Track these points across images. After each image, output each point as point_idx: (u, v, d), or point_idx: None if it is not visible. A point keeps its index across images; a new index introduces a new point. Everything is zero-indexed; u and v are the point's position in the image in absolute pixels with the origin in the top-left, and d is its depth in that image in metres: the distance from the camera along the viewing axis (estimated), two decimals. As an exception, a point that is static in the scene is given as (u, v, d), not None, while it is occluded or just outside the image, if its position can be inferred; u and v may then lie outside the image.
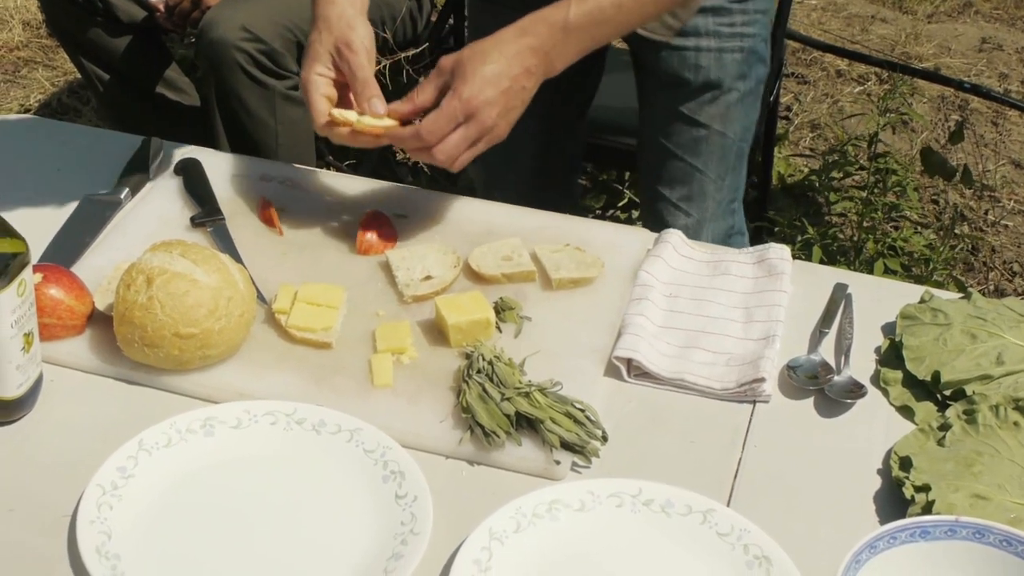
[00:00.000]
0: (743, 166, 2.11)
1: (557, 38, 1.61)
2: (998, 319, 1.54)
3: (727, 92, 1.99)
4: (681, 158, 2.03)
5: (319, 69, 1.64)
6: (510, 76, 1.58)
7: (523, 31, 1.61)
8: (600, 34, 1.66)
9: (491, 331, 1.51)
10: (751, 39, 1.98)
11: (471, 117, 1.56)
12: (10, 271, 1.32)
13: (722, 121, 2.01)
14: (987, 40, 4.62)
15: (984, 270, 3.33)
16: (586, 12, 1.62)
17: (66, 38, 3.28)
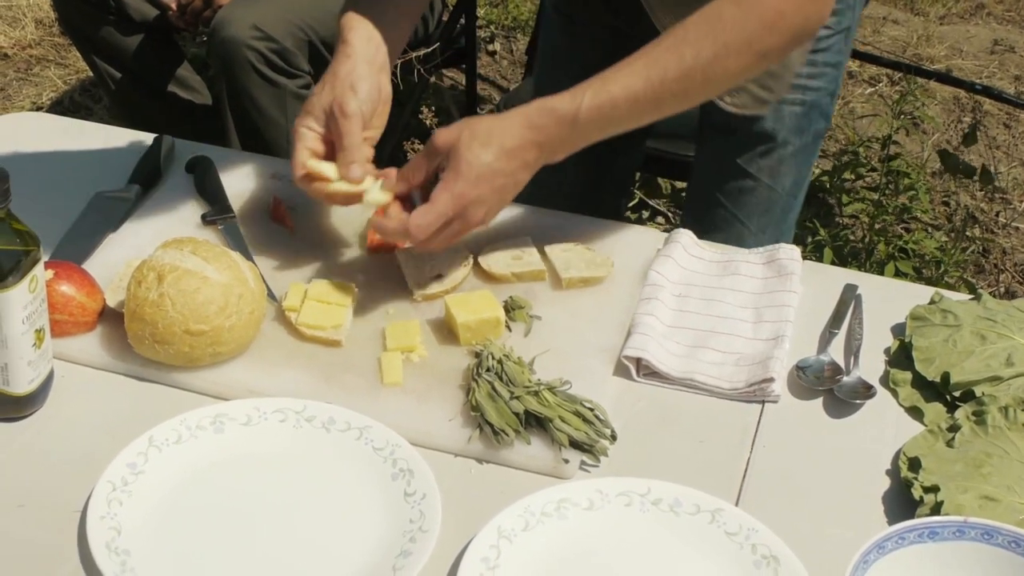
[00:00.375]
0: (788, 218, 2.02)
1: (564, 133, 1.52)
2: (1008, 320, 1.54)
3: (782, 146, 1.91)
4: (724, 206, 1.96)
5: (309, 122, 1.60)
6: (506, 172, 1.51)
7: (529, 123, 1.52)
8: (611, 127, 1.55)
9: (501, 330, 1.51)
10: (815, 92, 1.88)
11: (460, 215, 1.49)
12: (21, 268, 1.32)
13: (771, 175, 1.94)
14: (999, 42, 4.62)
15: (995, 272, 3.33)
16: (597, 105, 1.51)
17: (78, 36, 3.29)
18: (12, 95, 4.08)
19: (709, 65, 1.52)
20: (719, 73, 1.53)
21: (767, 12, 1.52)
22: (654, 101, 1.53)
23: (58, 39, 4.34)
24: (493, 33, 4.47)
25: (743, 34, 1.52)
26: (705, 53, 1.51)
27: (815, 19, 1.58)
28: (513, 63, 4.31)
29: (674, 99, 1.54)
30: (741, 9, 1.52)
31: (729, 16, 1.52)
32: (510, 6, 4.56)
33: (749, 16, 1.52)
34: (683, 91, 1.53)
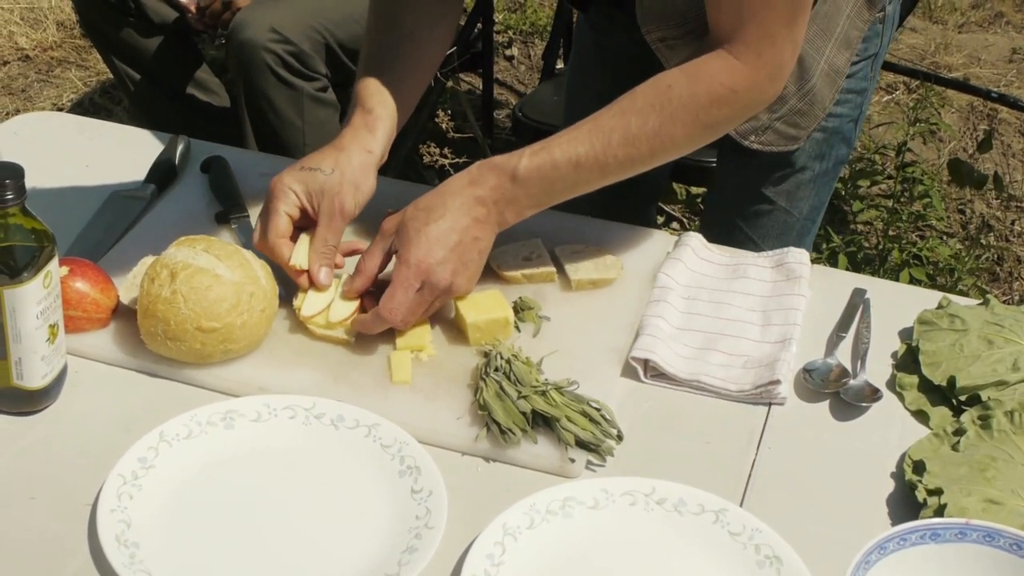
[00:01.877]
0: (804, 242, 2.00)
1: (505, 188, 1.52)
2: (1015, 326, 1.54)
3: (800, 171, 1.90)
4: (739, 227, 1.96)
5: (297, 188, 1.57)
6: (458, 230, 1.50)
7: (470, 179, 1.53)
8: (555, 190, 1.54)
9: (510, 330, 1.52)
10: (837, 119, 1.86)
11: (426, 282, 1.48)
12: (36, 263, 1.34)
13: (789, 199, 1.93)
14: (1017, 51, 4.61)
15: (1009, 280, 3.32)
16: (536, 166, 1.52)
17: (99, 38, 3.32)
18: (33, 96, 4.12)
19: (655, 135, 1.52)
20: (665, 143, 1.54)
21: (716, 88, 1.53)
22: (598, 167, 1.53)
23: (79, 41, 4.38)
24: (511, 38, 4.49)
25: (691, 107, 1.53)
26: (651, 123, 1.52)
27: (769, 94, 1.58)
28: (530, 68, 4.33)
29: (619, 166, 1.54)
30: (691, 82, 1.53)
31: (679, 88, 1.53)
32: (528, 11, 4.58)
33: (698, 90, 1.53)
34: (628, 158, 1.54)
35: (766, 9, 1.52)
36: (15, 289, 1.33)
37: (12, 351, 1.37)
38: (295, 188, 1.57)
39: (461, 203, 1.51)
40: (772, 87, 1.57)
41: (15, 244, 1.33)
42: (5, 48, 4.37)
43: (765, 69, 1.55)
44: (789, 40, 1.55)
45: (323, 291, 1.55)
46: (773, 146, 1.83)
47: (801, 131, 1.83)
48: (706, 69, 1.54)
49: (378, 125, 1.62)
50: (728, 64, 1.53)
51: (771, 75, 1.56)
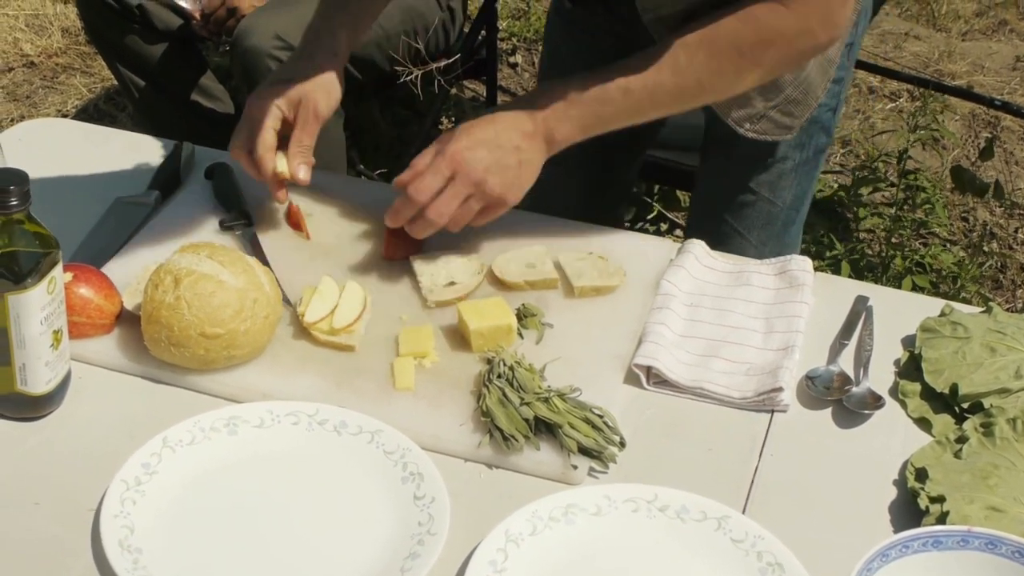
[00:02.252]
0: (791, 233, 2.04)
1: (557, 107, 1.59)
2: (1018, 333, 1.54)
3: (781, 161, 1.92)
4: (725, 219, 1.98)
5: (280, 102, 1.68)
6: (499, 134, 1.57)
7: (524, 98, 1.61)
8: (606, 113, 1.60)
9: (513, 337, 1.53)
10: (817, 108, 1.87)
11: (458, 171, 1.56)
12: (40, 269, 1.34)
13: (771, 189, 1.95)
14: (1021, 59, 4.61)
15: (1012, 287, 3.32)
16: (588, 87, 1.59)
17: (104, 45, 3.33)
18: (38, 103, 4.12)
19: (703, 67, 1.59)
20: (712, 77, 1.60)
21: (763, 30, 1.58)
22: (648, 94, 1.59)
23: (84, 48, 4.38)
24: (515, 45, 4.49)
25: (737, 44, 1.59)
26: (699, 56, 1.59)
27: (823, 40, 1.62)
28: (534, 75, 4.33)
29: (668, 96, 1.61)
30: (739, 23, 1.59)
31: (726, 27, 1.59)
32: (532, 18, 4.58)
33: (744, 30, 1.58)
34: (677, 88, 1.60)
35: None
36: (19, 295, 1.34)
37: (16, 357, 1.37)
38: (278, 103, 1.67)
39: (511, 116, 1.60)
40: (825, 34, 1.61)
41: (19, 250, 1.34)
42: (10, 54, 4.38)
43: (814, 16, 1.59)
44: None
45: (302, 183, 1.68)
46: (767, 135, 1.84)
47: (795, 120, 1.84)
48: (755, 12, 1.58)
49: (338, 29, 1.74)
50: (774, 9, 1.57)
51: (822, 21, 1.59)
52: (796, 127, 1.85)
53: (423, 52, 3.01)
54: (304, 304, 1.54)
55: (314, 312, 1.52)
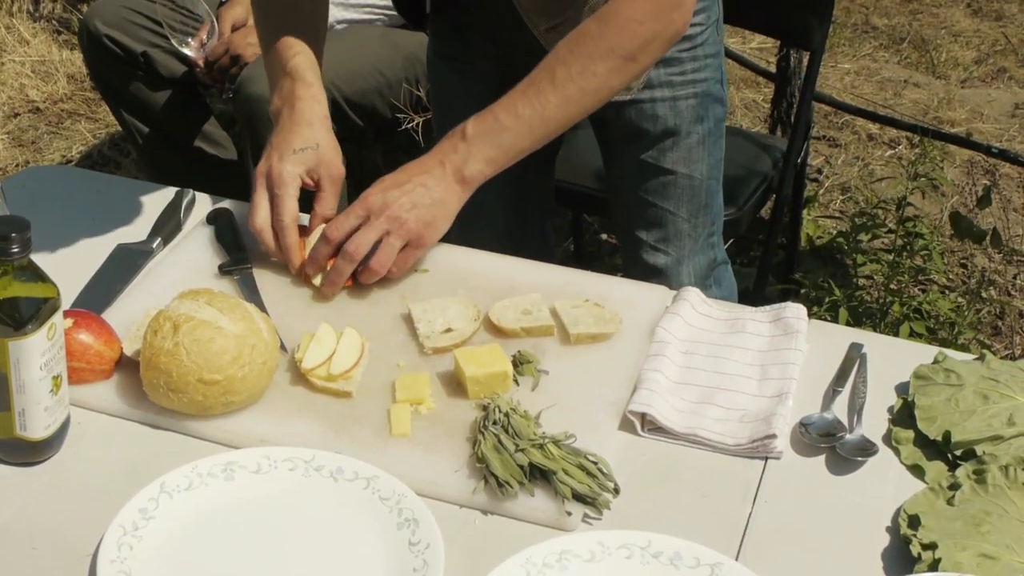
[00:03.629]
0: (716, 200, 2.18)
1: (459, 147, 1.70)
2: (1011, 381, 1.55)
3: (686, 136, 2.06)
4: (652, 203, 2.11)
5: (302, 172, 1.76)
6: (409, 178, 1.69)
7: (429, 152, 1.72)
8: (505, 142, 1.71)
9: (509, 384, 1.54)
10: (704, 83, 2.04)
11: (372, 211, 1.67)
12: (41, 315, 1.36)
13: (686, 164, 2.08)
14: (1020, 106, 4.64)
15: (1011, 334, 3.33)
16: (481, 122, 1.71)
17: (108, 91, 3.36)
18: (43, 148, 4.15)
19: (580, 74, 1.71)
20: (591, 81, 1.73)
21: (623, 22, 1.73)
22: (538, 115, 1.71)
23: (89, 94, 4.42)
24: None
25: (604, 42, 1.72)
26: (574, 65, 1.72)
27: (679, 23, 1.76)
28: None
29: (557, 109, 1.72)
30: (600, 22, 1.73)
31: (590, 29, 1.73)
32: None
33: (607, 27, 1.73)
34: (562, 101, 1.72)
35: None
36: (20, 341, 1.35)
37: (16, 402, 1.38)
38: (299, 172, 1.75)
39: (418, 163, 1.72)
40: (678, 15, 1.76)
41: (20, 296, 1.36)
42: (16, 100, 4.41)
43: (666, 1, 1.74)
44: None
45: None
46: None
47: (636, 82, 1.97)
48: (612, 8, 1.73)
49: (319, 92, 1.83)
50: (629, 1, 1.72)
51: (676, 4, 1.75)
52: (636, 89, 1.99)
53: (424, 99, 3.04)
54: (302, 350, 1.56)
55: (312, 358, 1.54)
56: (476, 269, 1.77)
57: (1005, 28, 5.31)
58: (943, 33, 5.22)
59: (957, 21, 5.36)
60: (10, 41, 4.70)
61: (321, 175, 1.77)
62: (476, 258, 1.81)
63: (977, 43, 5.16)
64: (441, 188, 1.69)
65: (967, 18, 5.41)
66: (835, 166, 4.11)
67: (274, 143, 1.78)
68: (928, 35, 5.19)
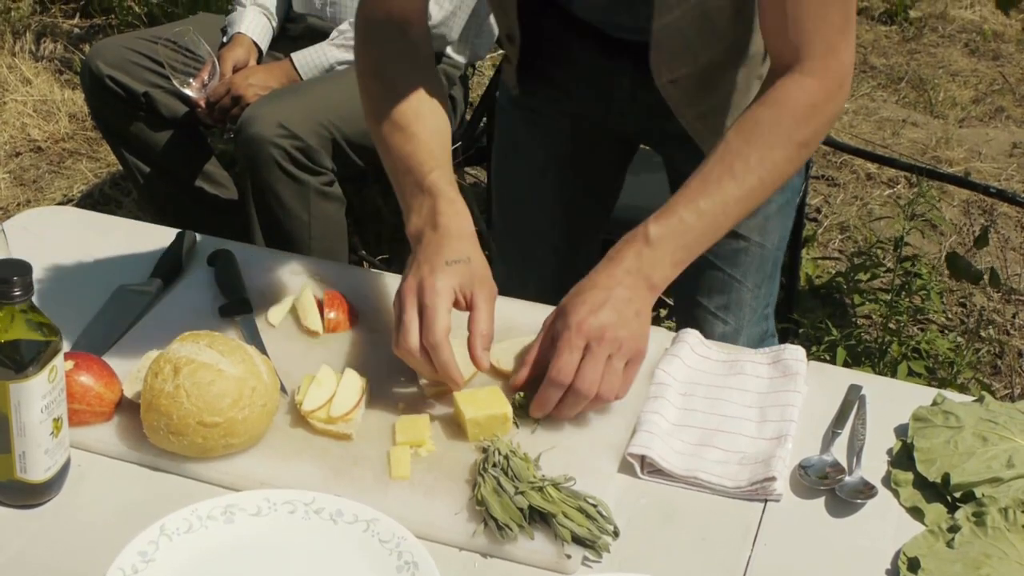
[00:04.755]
0: (778, 273, 2.13)
1: (644, 253, 1.60)
2: (1009, 423, 1.56)
3: (766, 204, 1.94)
4: (720, 268, 2.05)
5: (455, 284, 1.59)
6: (608, 293, 1.57)
7: (609, 260, 1.62)
8: (689, 242, 1.64)
9: (508, 426, 1.54)
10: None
11: (591, 337, 1.54)
12: (42, 358, 1.36)
13: (760, 232, 2.03)
14: (1018, 145, 4.66)
15: (1010, 373, 3.34)
16: (664, 226, 1.62)
17: (110, 131, 3.37)
18: (44, 187, 4.17)
19: (759, 165, 1.65)
20: (771, 170, 1.66)
21: (798, 108, 1.66)
22: (721, 210, 1.64)
23: (90, 133, 4.44)
24: (516, 131, 4.53)
25: (781, 132, 1.66)
26: (753, 157, 1.65)
27: (842, 101, 1.71)
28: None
29: (738, 204, 1.65)
30: (773, 110, 1.67)
31: (765, 119, 1.66)
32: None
33: (782, 115, 1.66)
34: (744, 195, 1.65)
35: (823, 23, 1.65)
36: (20, 383, 1.35)
37: (16, 444, 1.38)
38: (452, 285, 1.59)
39: (607, 275, 1.60)
40: (842, 94, 1.71)
41: (21, 339, 1.36)
42: (18, 140, 4.43)
43: (835, 79, 1.68)
44: (846, 47, 1.69)
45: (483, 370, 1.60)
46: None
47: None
48: (784, 94, 1.67)
49: (463, 208, 1.68)
50: (801, 83, 1.66)
51: (840, 83, 1.69)
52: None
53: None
54: (302, 392, 1.56)
55: (312, 400, 1.54)
56: (476, 311, 1.77)
57: (1002, 67, 5.34)
58: (941, 73, 5.26)
59: (955, 61, 5.40)
60: (12, 80, 4.73)
61: (475, 291, 1.61)
62: (476, 299, 1.81)
63: (975, 83, 5.19)
64: (639, 298, 1.59)
65: (965, 58, 5.45)
66: (834, 205, 4.13)
67: (421, 259, 1.61)
68: (926, 75, 5.22)
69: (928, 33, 5.66)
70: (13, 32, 5.09)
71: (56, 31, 5.18)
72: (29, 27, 5.16)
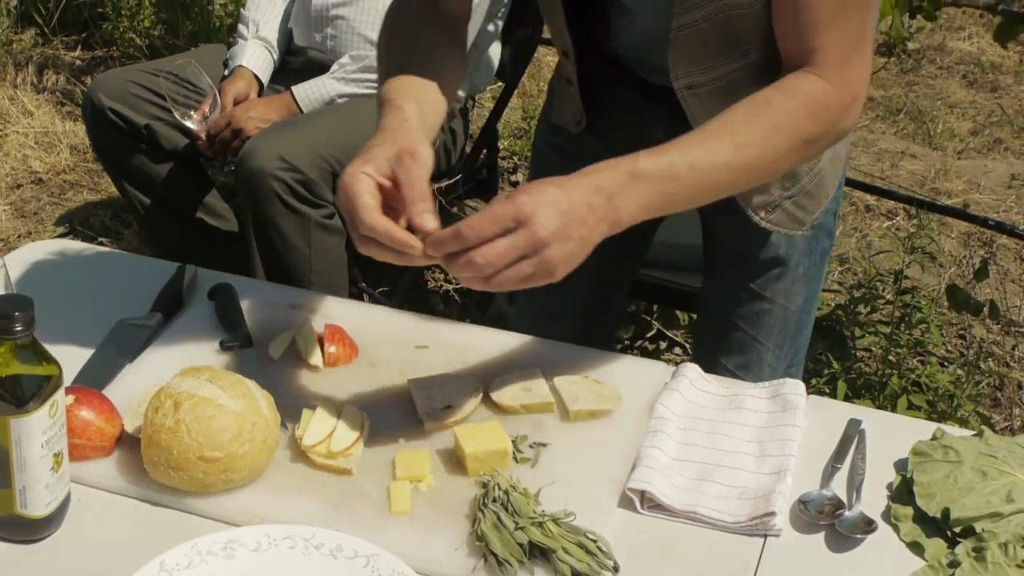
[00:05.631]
0: (804, 332, 2.07)
1: (623, 181, 1.49)
2: (1009, 457, 1.56)
3: (793, 268, 1.95)
4: (742, 329, 2.01)
5: (369, 169, 1.49)
6: (570, 202, 1.44)
7: (589, 170, 1.50)
8: (670, 191, 1.53)
9: (508, 461, 1.54)
10: (823, 214, 1.94)
11: (522, 224, 1.40)
12: (42, 393, 1.36)
13: (786, 295, 1.99)
14: (1016, 176, 4.68)
15: (1010, 405, 3.34)
16: (655, 163, 1.52)
17: (110, 163, 3.38)
18: (45, 219, 4.18)
19: (761, 143, 1.58)
20: (769, 153, 1.59)
21: (810, 102, 1.61)
22: (712, 172, 1.55)
23: (91, 165, 4.45)
24: (516, 164, 4.56)
25: (790, 118, 1.60)
26: (756, 132, 1.58)
27: (851, 119, 1.66)
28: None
29: (731, 173, 1.57)
30: (786, 96, 1.61)
31: (776, 102, 1.60)
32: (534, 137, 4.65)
33: (794, 103, 1.60)
34: (741, 166, 1.57)
35: (839, 33, 1.61)
36: (21, 419, 1.36)
37: (16, 480, 1.38)
38: (364, 170, 1.50)
39: (579, 185, 1.47)
40: (853, 111, 1.65)
41: (23, 374, 1.36)
42: (19, 171, 4.45)
43: (848, 90, 1.63)
44: (862, 64, 1.64)
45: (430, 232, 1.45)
46: (781, 227, 1.88)
47: (807, 215, 1.88)
48: (798, 85, 1.61)
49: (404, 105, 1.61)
50: (815, 82, 1.61)
51: (854, 97, 1.64)
52: (808, 223, 1.90)
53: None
54: (302, 427, 1.56)
55: (312, 435, 1.54)
56: (475, 345, 1.78)
57: (1000, 99, 5.37)
58: (939, 104, 5.28)
59: (953, 92, 5.42)
60: (14, 112, 4.74)
61: (396, 167, 1.50)
62: (475, 334, 1.81)
63: (973, 114, 5.21)
64: (594, 225, 1.46)
65: (963, 89, 5.47)
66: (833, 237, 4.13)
67: None
68: (925, 106, 5.24)
69: (926, 65, 5.68)
70: (15, 64, 5.11)
71: (58, 63, 5.20)
72: (31, 59, 5.18)
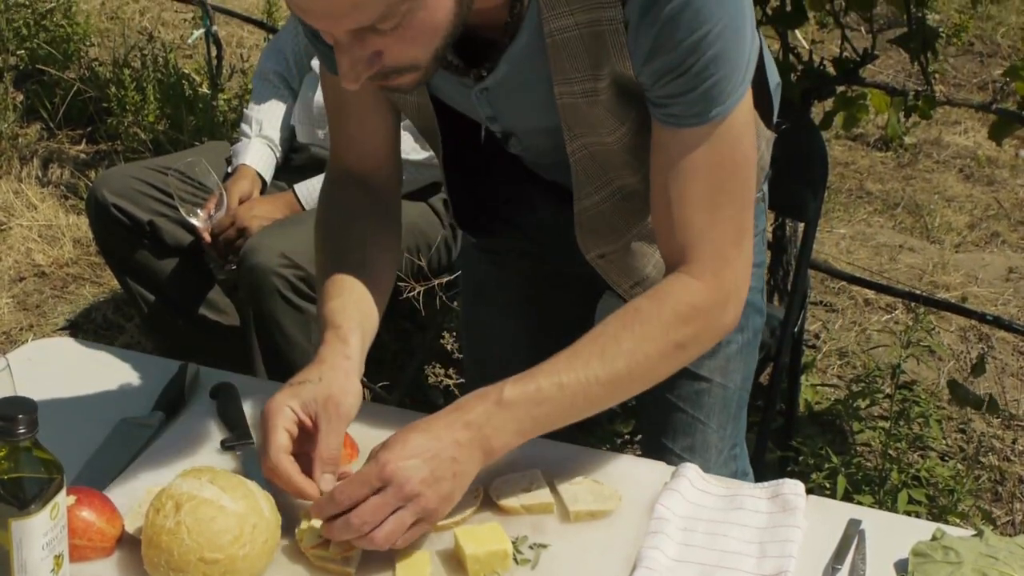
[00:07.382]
0: (743, 413, 2.11)
1: (491, 412, 1.55)
2: (1010, 558, 1.56)
3: (726, 345, 1.98)
4: (683, 410, 2.03)
5: (295, 404, 1.59)
6: (436, 445, 1.51)
7: (456, 407, 1.56)
8: (541, 414, 1.58)
9: (508, 562, 1.54)
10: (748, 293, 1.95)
11: (389, 482, 1.48)
12: (44, 495, 1.37)
13: (722, 373, 2.02)
14: (1014, 270, 4.70)
15: (1011, 500, 3.33)
16: (521, 390, 1.57)
17: (114, 259, 3.39)
18: (47, 312, 4.19)
19: (631, 353, 1.61)
20: (641, 363, 1.62)
21: (679, 305, 1.63)
22: (582, 389, 1.59)
23: (94, 258, 4.47)
24: (516, 257, 4.57)
25: (658, 324, 1.63)
26: (625, 344, 1.61)
27: (730, 317, 1.69)
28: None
29: (602, 388, 1.60)
30: (655, 302, 1.64)
31: (644, 309, 1.64)
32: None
33: (663, 309, 1.63)
34: (609, 379, 1.60)
35: (713, 230, 1.63)
36: (23, 521, 1.36)
37: (17, 582, 1.39)
38: (290, 404, 1.59)
39: (446, 424, 1.55)
40: (731, 308, 1.68)
41: (25, 476, 1.37)
42: (22, 264, 4.47)
43: (723, 289, 1.66)
44: (739, 259, 1.67)
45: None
46: None
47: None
48: (668, 289, 1.65)
49: (349, 337, 1.68)
50: (686, 283, 1.64)
51: (729, 296, 1.67)
52: None
53: (425, 268, 3.09)
54: (303, 528, 1.56)
55: (312, 536, 1.54)
56: (476, 444, 1.78)
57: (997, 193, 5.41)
58: (936, 198, 5.32)
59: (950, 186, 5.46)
60: (18, 206, 4.78)
61: (319, 412, 1.59)
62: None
63: (970, 208, 5.25)
64: (466, 459, 1.53)
65: (960, 183, 5.52)
66: (832, 331, 4.15)
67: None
68: (922, 200, 5.28)
69: (923, 159, 5.73)
70: (20, 158, 5.16)
71: (63, 157, 5.25)
72: (36, 153, 5.23)
